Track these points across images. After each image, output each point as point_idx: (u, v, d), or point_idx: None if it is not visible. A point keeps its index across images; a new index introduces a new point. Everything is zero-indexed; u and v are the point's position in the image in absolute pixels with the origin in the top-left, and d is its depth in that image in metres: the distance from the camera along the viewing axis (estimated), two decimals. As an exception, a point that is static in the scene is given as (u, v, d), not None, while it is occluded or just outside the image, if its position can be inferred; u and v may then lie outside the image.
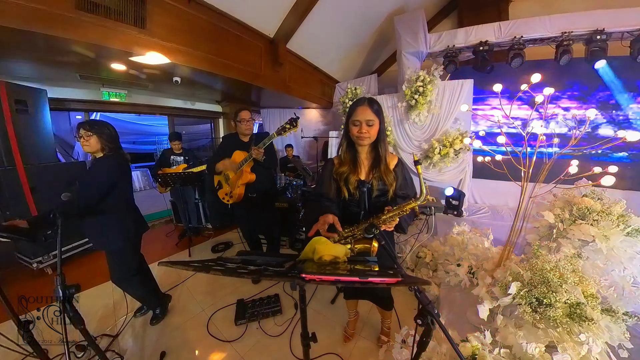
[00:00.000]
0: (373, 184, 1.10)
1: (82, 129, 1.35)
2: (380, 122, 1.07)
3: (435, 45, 3.46)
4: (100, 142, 1.38)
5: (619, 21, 2.65)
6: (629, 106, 3.07)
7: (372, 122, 1.05)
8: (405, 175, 1.17)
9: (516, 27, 3.01)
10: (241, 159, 1.85)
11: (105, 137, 1.39)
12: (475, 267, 1.76)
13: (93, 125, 1.37)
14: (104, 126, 1.41)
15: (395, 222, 1.04)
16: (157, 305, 1.76)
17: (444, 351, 1.13)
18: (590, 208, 1.24)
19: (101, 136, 1.38)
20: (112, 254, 1.51)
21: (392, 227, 1.05)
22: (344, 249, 0.85)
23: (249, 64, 2.88)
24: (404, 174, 1.16)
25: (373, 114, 1.05)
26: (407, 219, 1.11)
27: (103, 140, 1.39)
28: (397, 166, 1.15)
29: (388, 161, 1.13)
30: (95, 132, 1.36)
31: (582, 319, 0.97)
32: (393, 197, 1.12)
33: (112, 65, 2.32)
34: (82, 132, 1.35)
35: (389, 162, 1.13)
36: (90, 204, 1.35)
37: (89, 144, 1.36)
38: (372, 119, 1.05)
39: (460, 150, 3.30)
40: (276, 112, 5.42)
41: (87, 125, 1.35)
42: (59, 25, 1.58)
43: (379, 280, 0.64)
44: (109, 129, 1.42)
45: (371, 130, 1.06)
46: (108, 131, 1.41)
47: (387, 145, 1.14)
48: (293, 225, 2.95)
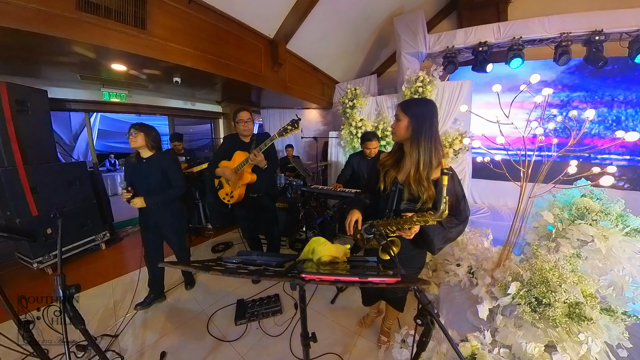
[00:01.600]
0: (405, 188, 1.01)
1: (132, 128, 1.62)
2: (414, 121, 0.97)
3: (434, 46, 3.47)
4: (145, 140, 1.64)
5: (617, 22, 2.66)
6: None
7: (398, 116, 1.02)
8: (452, 189, 0.98)
9: (515, 28, 3.02)
10: (242, 159, 1.85)
11: (151, 137, 1.66)
12: (475, 267, 1.76)
13: (142, 126, 1.64)
14: (151, 128, 1.68)
15: (412, 230, 0.95)
16: (161, 291, 1.98)
17: (444, 351, 1.13)
18: (589, 208, 1.25)
19: (147, 135, 1.64)
20: (180, 228, 1.91)
21: (409, 235, 0.97)
22: (343, 250, 0.86)
23: (249, 64, 2.88)
24: (450, 190, 0.95)
25: (399, 109, 1.02)
26: (433, 236, 0.98)
27: (149, 139, 1.65)
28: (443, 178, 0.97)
29: (429, 170, 0.97)
30: (143, 131, 1.63)
31: (581, 319, 0.97)
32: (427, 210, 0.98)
33: (112, 65, 2.32)
34: (132, 130, 1.61)
35: (433, 172, 0.98)
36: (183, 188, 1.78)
37: (135, 141, 1.61)
38: (398, 113, 1.02)
39: (460, 151, 3.31)
40: (276, 112, 5.42)
41: (137, 125, 1.63)
42: (59, 26, 1.59)
43: (378, 280, 0.64)
44: (154, 131, 1.70)
45: (397, 126, 1.01)
46: (154, 133, 1.69)
47: (430, 150, 0.97)
48: (293, 225, 2.96)
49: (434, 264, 2.12)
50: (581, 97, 3.28)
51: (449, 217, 0.98)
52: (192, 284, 2.16)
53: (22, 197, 2.16)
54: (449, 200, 0.94)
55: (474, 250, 1.89)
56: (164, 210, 1.74)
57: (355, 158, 2.49)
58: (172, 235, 1.85)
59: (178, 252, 1.95)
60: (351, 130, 3.75)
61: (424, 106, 1.00)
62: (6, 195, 2.10)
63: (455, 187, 1.01)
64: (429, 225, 0.95)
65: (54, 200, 2.35)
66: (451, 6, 4.48)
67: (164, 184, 1.71)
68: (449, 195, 0.92)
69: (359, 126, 3.69)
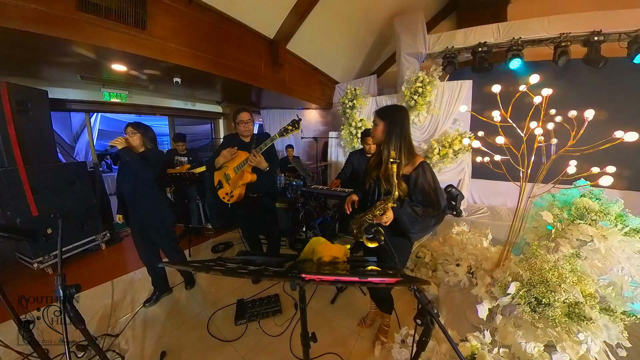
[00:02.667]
0: (381, 184, 1.18)
1: (130, 127, 1.61)
2: (387, 124, 1.13)
3: (434, 46, 3.48)
4: (142, 140, 1.65)
5: (616, 22, 2.67)
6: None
7: (375, 121, 1.18)
8: (424, 182, 1.10)
9: (514, 29, 3.03)
10: (242, 159, 1.85)
11: (147, 137, 1.67)
12: (475, 267, 1.76)
13: (139, 126, 1.65)
14: (149, 129, 1.70)
15: (385, 216, 1.07)
16: (166, 286, 2.00)
17: (444, 351, 1.14)
18: (588, 208, 1.25)
19: (144, 136, 1.65)
20: (165, 229, 1.84)
21: (385, 221, 1.08)
22: (343, 249, 0.86)
23: (249, 64, 2.89)
24: (422, 181, 1.10)
25: (376, 115, 1.19)
26: (407, 224, 1.10)
27: (145, 140, 1.67)
28: (414, 171, 1.12)
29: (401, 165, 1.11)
30: (140, 131, 1.64)
31: (581, 318, 0.97)
32: (401, 199, 1.11)
33: (112, 66, 2.33)
34: (129, 129, 1.61)
35: (404, 168, 1.13)
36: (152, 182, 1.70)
37: (132, 140, 1.62)
38: (375, 118, 1.19)
39: (459, 151, 3.32)
40: (276, 112, 5.42)
41: (135, 125, 1.63)
42: (59, 27, 1.59)
43: (378, 280, 0.64)
44: (152, 132, 1.72)
45: (375, 130, 1.18)
46: (151, 134, 1.71)
47: (400, 149, 1.11)
48: (293, 225, 2.96)
49: (433, 264, 2.13)
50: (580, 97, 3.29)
51: (425, 208, 1.09)
52: (192, 283, 2.15)
53: (22, 197, 2.16)
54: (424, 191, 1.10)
55: (473, 250, 1.89)
56: (146, 212, 1.72)
57: (355, 155, 2.50)
58: (157, 237, 1.81)
59: (167, 254, 1.92)
60: (351, 131, 3.75)
61: (396, 112, 1.16)
62: (7, 195, 2.10)
63: (427, 179, 1.11)
64: (402, 214, 1.09)
65: (54, 200, 2.36)
66: (451, 7, 4.49)
67: (151, 182, 1.68)
68: (422, 187, 1.10)
69: (358, 126, 3.70)
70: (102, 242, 2.83)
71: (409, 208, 1.09)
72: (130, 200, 1.73)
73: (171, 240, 1.90)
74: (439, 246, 2.18)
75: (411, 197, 1.13)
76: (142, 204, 1.71)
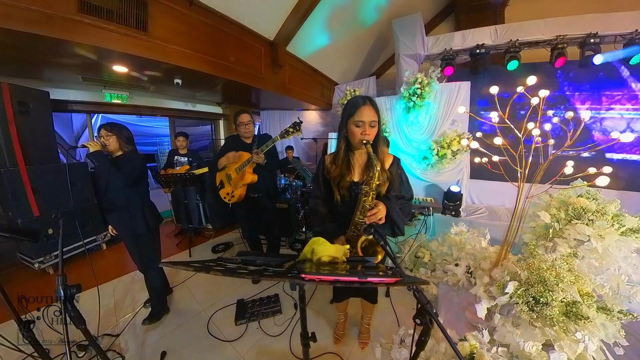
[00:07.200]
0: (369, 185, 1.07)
1: (103, 129, 1.47)
2: (379, 122, 1.05)
3: (432, 48, 3.50)
4: (119, 142, 1.52)
5: (612, 25, 2.70)
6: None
7: (374, 122, 1.02)
8: (401, 175, 1.14)
9: (512, 31, 3.06)
10: (244, 159, 1.87)
11: (123, 138, 1.53)
12: (473, 266, 1.77)
13: (113, 127, 1.50)
14: (123, 128, 1.55)
15: (376, 211, 0.99)
16: (162, 305, 1.82)
17: (443, 350, 1.14)
18: (585, 208, 1.26)
19: (120, 137, 1.51)
20: (138, 239, 1.61)
21: (380, 218, 1.00)
22: (342, 250, 0.86)
23: (249, 66, 2.90)
24: (400, 174, 1.14)
25: (376, 114, 1.02)
26: (395, 218, 1.07)
27: (121, 141, 1.52)
28: (392, 166, 1.12)
29: (384, 160, 1.10)
30: (115, 132, 1.50)
31: (578, 318, 0.98)
32: (386, 195, 1.09)
33: (113, 67, 2.34)
34: (103, 132, 1.47)
35: (385, 162, 1.11)
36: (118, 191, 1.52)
37: (109, 143, 1.49)
38: (375, 119, 1.02)
39: (458, 152, 3.33)
40: (276, 113, 5.44)
41: (108, 127, 1.49)
42: (61, 28, 1.60)
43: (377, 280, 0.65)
44: (127, 131, 1.56)
45: (373, 131, 1.03)
46: (126, 133, 1.55)
47: (384, 144, 1.12)
48: (293, 226, 2.96)
49: (432, 264, 2.14)
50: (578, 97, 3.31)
51: (401, 200, 1.13)
52: (153, 319, 1.71)
53: (24, 197, 2.17)
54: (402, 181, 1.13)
55: (472, 250, 1.90)
56: (119, 219, 1.57)
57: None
58: (129, 247, 1.63)
59: (140, 270, 1.69)
60: (351, 131, 3.76)
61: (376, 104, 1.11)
62: (8, 195, 2.11)
63: (403, 171, 1.16)
64: (391, 206, 1.05)
65: (55, 200, 2.36)
66: (449, 9, 4.52)
67: (121, 189, 1.52)
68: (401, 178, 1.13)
69: (358, 127, 3.70)
70: (103, 242, 2.83)
71: (394, 200, 1.08)
72: (105, 206, 1.60)
73: (143, 255, 1.63)
74: (438, 246, 2.19)
75: (388, 191, 1.11)
76: (113, 209, 1.56)
